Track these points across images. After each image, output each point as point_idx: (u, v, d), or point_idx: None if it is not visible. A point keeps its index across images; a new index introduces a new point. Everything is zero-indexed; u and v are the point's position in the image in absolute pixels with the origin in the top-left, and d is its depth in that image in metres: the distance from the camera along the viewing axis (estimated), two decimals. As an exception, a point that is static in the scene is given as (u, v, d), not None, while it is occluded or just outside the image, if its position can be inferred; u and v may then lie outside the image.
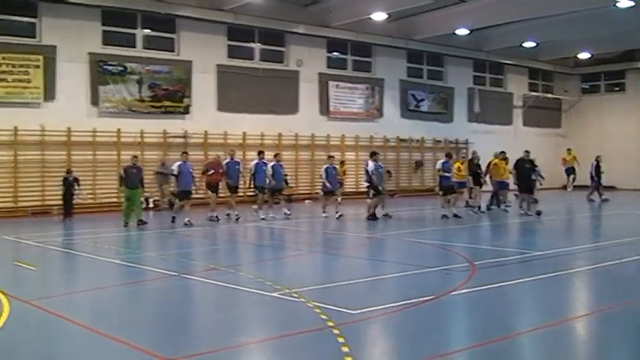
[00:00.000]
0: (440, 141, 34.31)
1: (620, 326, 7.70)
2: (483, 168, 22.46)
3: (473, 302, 9.01)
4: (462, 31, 30.55)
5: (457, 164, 21.76)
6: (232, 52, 27.67)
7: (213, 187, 20.28)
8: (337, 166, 22.69)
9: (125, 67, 24.64)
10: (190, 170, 19.24)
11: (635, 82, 38.88)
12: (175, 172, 19.05)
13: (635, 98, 38.47)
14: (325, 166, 21.35)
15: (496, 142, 31.22)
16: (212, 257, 13.78)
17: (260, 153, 21.40)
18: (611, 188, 28.20)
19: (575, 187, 30.44)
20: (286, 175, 23.34)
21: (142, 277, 11.21)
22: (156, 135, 25.25)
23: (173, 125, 25.61)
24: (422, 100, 33.98)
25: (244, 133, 27.31)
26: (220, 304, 9.16)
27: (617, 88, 40.37)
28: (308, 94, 29.76)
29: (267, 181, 20.54)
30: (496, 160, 22.41)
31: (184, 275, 10.85)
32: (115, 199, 24.27)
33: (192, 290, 10.22)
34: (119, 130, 24.37)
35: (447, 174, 20.49)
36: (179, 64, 26.00)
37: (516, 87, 39.07)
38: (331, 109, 30.37)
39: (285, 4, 27.98)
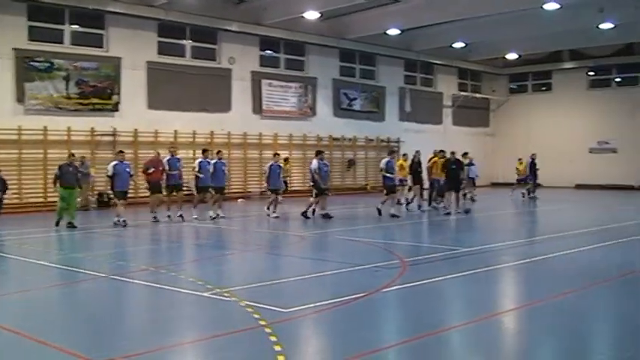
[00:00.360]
0: (372, 140, 34.66)
1: (547, 320, 7.92)
2: (424, 167, 22.81)
3: (403, 299, 9.13)
4: (393, 31, 30.92)
5: (400, 162, 22.09)
6: (163, 49, 27.30)
7: (154, 186, 19.58)
8: (282, 164, 22.30)
9: (52, 64, 24.02)
10: (127, 170, 18.65)
11: (561, 82, 40.14)
12: (109, 173, 18.35)
13: (561, 98, 39.72)
14: (269, 164, 20.94)
15: (427, 141, 31.77)
16: (143, 258, 13.57)
17: (205, 151, 20.78)
18: (538, 186, 28.91)
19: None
20: (287, 176, 23.74)
21: (71, 278, 10.94)
22: (83, 133, 24.71)
23: (101, 123, 25.11)
24: (354, 99, 34.25)
25: (176, 131, 26.98)
26: (151, 305, 9.04)
27: (544, 88, 41.57)
28: (240, 92, 29.61)
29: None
30: (435, 159, 22.76)
31: (114, 276, 10.66)
32: (41, 199, 23.72)
33: (122, 291, 10.03)
34: (46, 127, 23.75)
35: (390, 174, 20.25)
36: (108, 60, 25.50)
37: (446, 87, 39.78)
38: (264, 107, 30.29)
39: (217, 1, 27.77)
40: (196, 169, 19.92)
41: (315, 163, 19.81)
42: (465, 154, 26.34)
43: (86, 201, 23.75)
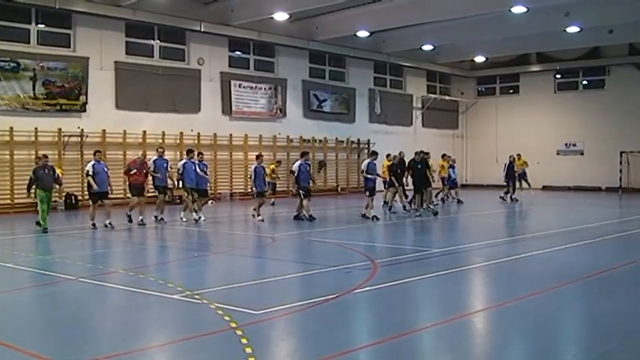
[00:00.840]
0: (342, 141, 34.72)
1: (517, 320, 7.99)
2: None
3: (375, 300, 9.14)
4: (363, 33, 30.99)
5: (385, 163, 22.16)
6: (131, 49, 27.05)
7: (136, 188, 18.85)
8: (265, 166, 21.74)
9: (18, 64, 23.65)
10: (105, 170, 18.17)
11: (528, 85, 40.59)
12: (90, 172, 17.78)
13: (529, 100, 40.19)
14: (254, 166, 20.30)
15: (397, 142, 31.87)
16: (112, 260, 13.42)
17: (189, 152, 20.14)
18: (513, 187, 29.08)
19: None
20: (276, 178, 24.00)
21: (37, 281, 10.78)
22: (51, 134, 24.38)
23: (69, 123, 24.79)
24: (324, 100, 34.27)
25: (144, 131, 26.75)
26: (120, 308, 8.93)
27: (511, 91, 41.99)
28: (210, 93, 29.46)
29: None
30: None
31: (82, 279, 10.51)
32: (8, 201, 23.37)
33: (91, 294, 9.89)
34: (12, 128, 23.38)
35: (371, 175, 19.94)
36: (75, 60, 25.18)
37: (415, 89, 39.99)
38: (234, 108, 30.17)
39: (186, 1, 27.59)
40: (180, 171, 19.44)
41: (296, 163, 19.61)
42: (444, 156, 26.55)
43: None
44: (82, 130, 25.00)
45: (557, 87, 40.03)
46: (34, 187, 17.29)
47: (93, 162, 18.06)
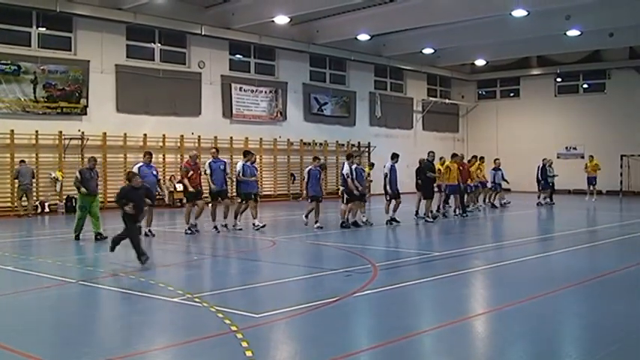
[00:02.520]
0: (343, 144, 34.71)
1: (517, 323, 7.98)
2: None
3: (375, 303, 9.13)
4: (363, 37, 31.01)
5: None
6: (132, 52, 27.09)
7: (195, 192, 17.15)
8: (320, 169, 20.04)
9: (19, 67, 23.69)
10: (154, 173, 16.74)
11: (529, 88, 40.64)
12: (208, 172, 16.97)
13: (529, 104, 40.27)
14: (308, 169, 19.23)
15: (397, 145, 31.81)
16: (113, 263, 13.39)
17: (247, 154, 18.38)
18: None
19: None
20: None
21: (38, 284, 10.76)
22: (51, 137, 24.40)
23: (70, 127, 24.83)
24: (325, 103, 34.29)
25: (145, 135, 26.77)
26: (120, 311, 8.93)
27: (512, 94, 42.03)
28: (210, 96, 29.49)
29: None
30: (448, 163, 22.35)
31: (83, 282, 10.51)
32: (9, 204, 23.38)
33: (91, 297, 9.88)
34: (12, 131, 23.41)
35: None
36: (76, 63, 25.21)
37: (416, 92, 40.01)
38: (234, 111, 30.19)
39: (186, 4, 27.63)
40: (241, 174, 17.69)
41: (346, 167, 18.24)
42: (495, 160, 26.35)
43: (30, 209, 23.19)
44: (83, 133, 25.04)
45: (557, 90, 40.06)
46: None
47: (140, 164, 16.60)
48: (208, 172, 17.45)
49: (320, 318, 8.14)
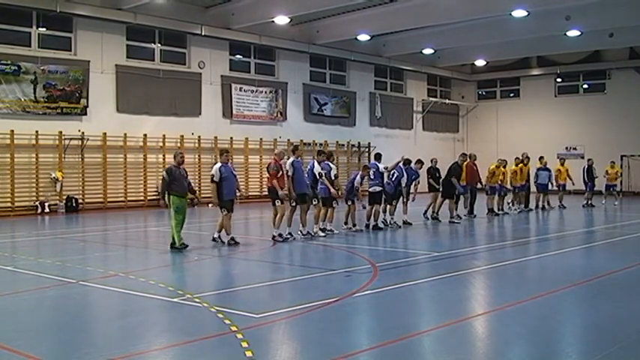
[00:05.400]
0: (343, 145, 34.71)
1: (517, 324, 7.98)
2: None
3: (375, 303, 9.14)
4: (363, 37, 31.03)
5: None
6: (132, 53, 27.09)
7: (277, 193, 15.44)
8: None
9: (19, 67, 23.69)
10: (234, 174, 15.24)
11: (529, 88, 40.65)
12: (217, 178, 14.69)
13: (529, 104, 40.29)
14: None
15: (397, 146, 31.98)
16: (112, 263, 13.40)
17: (321, 154, 17.27)
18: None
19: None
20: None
21: (38, 284, 10.75)
22: (51, 137, 24.40)
23: (70, 127, 24.83)
24: (325, 104, 34.29)
25: (145, 135, 26.78)
26: (120, 311, 8.92)
27: (512, 95, 42.04)
28: (211, 96, 29.49)
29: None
30: (495, 165, 22.94)
31: (83, 282, 10.51)
32: (9, 204, 23.39)
33: (91, 297, 9.89)
34: (12, 131, 23.41)
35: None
36: (76, 63, 25.21)
37: (416, 92, 40.01)
38: (234, 112, 30.18)
39: (186, 5, 27.63)
40: (289, 172, 15.85)
41: (317, 166, 16.67)
42: (540, 158, 26.30)
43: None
44: (83, 133, 25.05)
45: (557, 91, 40.06)
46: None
47: (219, 164, 14.94)
48: (291, 172, 15.85)
49: (320, 318, 8.13)
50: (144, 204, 26.69)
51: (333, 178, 16.69)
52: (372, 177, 17.73)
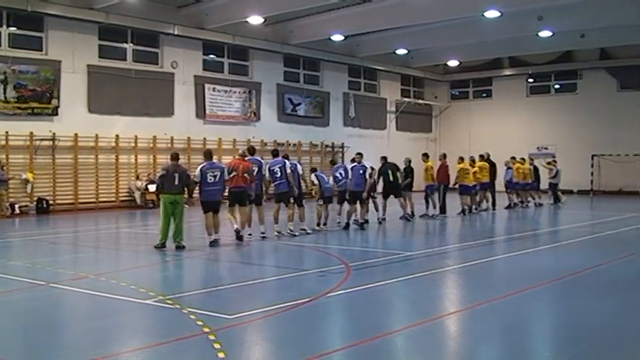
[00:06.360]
0: (316, 145, 34.71)
1: (489, 322, 8.04)
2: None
3: (348, 303, 9.15)
4: (337, 37, 31.05)
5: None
6: (104, 53, 26.81)
7: (234, 195, 15.50)
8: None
9: (-12, 67, 23.39)
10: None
11: (501, 88, 40.96)
12: (198, 179, 14.59)
13: (501, 104, 40.63)
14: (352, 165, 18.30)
15: (371, 146, 31.99)
16: (83, 265, 13.27)
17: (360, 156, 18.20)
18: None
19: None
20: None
21: (7, 287, 10.60)
22: (22, 137, 24.08)
23: (40, 127, 24.50)
24: (298, 104, 34.26)
25: (117, 135, 26.55)
26: (91, 313, 8.82)
27: (484, 95, 42.32)
28: (183, 96, 29.30)
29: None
30: (462, 164, 23.07)
31: (53, 284, 10.38)
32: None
33: (62, 300, 9.77)
34: (-18, 132, 23.11)
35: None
36: (47, 63, 24.90)
37: (389, 93, 40.12)
38: (207, 112, 30.04)
39: (159, 4, 27.43)
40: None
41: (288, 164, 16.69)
42: (550, 162, 27.22)
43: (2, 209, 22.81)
44: (54, 134, 24.75)
45: (529, 91, 40.41)
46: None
47: (203, 164, 14.96)
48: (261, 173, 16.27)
49: (293, 318, 8.13)
50: (115, 205, 26.47)
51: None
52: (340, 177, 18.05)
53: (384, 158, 20.89)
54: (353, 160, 18.79)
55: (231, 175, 15.21)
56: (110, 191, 26.71)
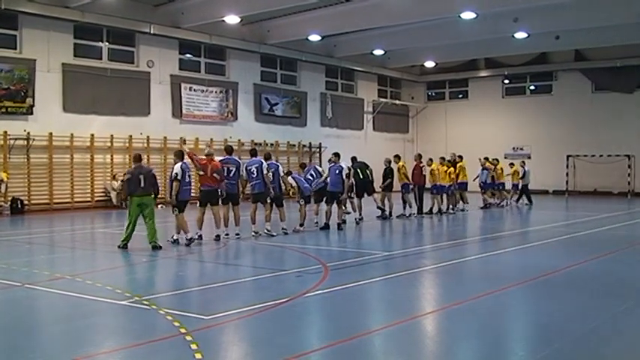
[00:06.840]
0: (294, 145, 34.69)
1: (465, 322, 8.08)
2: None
3: (325, 303, 9.15)
4: (314, 37, 31.07)
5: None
6: (79, 51, 26.57)
7: (204, 194, 15.78)
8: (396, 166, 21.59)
9: (-39, 65, 23.10)
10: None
11: (477, 89, 41.28)
12: (179, 177, 14.67)
13: (477, 105, 40.93)
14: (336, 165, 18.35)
15: (348, 146, 31.98)
16: (59, 266, 13.15)
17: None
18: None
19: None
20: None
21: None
22: (-4, 137, 23.85)
23: (15, 127, 24.23)
24: (276, 104, 34.22)
25: (92, 135, 26.33)
26: (66, 315, 8.73)
27: (460, 96, 42.61)
28: (160, 96, 29.14)
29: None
30: (434, 165, 23.35)
31: (28, 285, 10.27)
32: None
33: (37, 301, 9.67)
34: (-45, 131, 22.81)
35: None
36: (21, 62, 24.63)
37: (366, 93, 40.23)
38: (184, 111, 29.90)
39: (135, 3, 27.25)
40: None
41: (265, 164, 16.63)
42: (486, 158, 27.34)
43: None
44: (29, 133, 24.49)
45: (505, 92, 40.74)
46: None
47: (180, 162, 14.91)
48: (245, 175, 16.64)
49: (271, 319, 8.11)
50: (91, 205, 26.26)
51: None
52: (314, 176, 18.31)
53: (354, 158, 21.09)
54: (330, 161, 18.85)
55: (200, 174, 15.47)
56: (86, 191, 26.50)
